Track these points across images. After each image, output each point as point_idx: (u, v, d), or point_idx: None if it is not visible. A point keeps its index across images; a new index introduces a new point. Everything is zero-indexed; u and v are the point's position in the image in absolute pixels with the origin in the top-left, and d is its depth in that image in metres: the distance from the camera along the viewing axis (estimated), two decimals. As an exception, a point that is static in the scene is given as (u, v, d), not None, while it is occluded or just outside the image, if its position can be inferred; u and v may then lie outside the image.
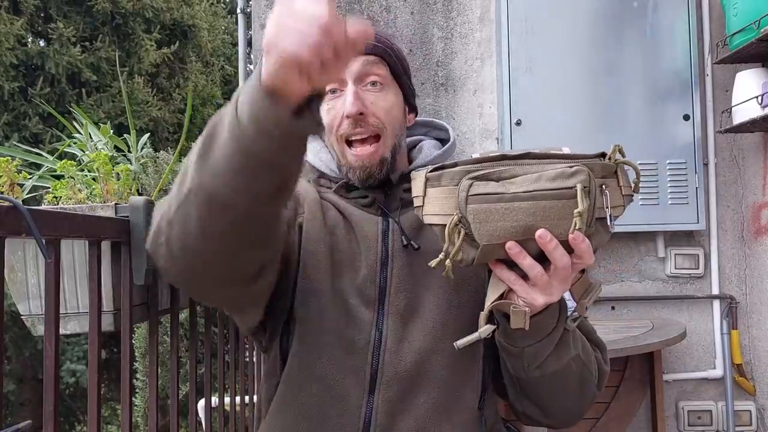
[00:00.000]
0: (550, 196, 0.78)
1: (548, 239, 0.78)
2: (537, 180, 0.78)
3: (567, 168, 0.79)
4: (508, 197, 0.78)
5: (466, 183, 0.80)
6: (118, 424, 4.94)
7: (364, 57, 1.04)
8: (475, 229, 0.80)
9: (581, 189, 0.77)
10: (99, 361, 1.01)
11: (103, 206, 1.08)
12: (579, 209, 0.77)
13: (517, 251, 0.80)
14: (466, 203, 0.80)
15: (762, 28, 2.34)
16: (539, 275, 0.82)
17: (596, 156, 0.84)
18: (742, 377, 2.80)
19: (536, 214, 0.78)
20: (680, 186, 2.71)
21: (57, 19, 5.49)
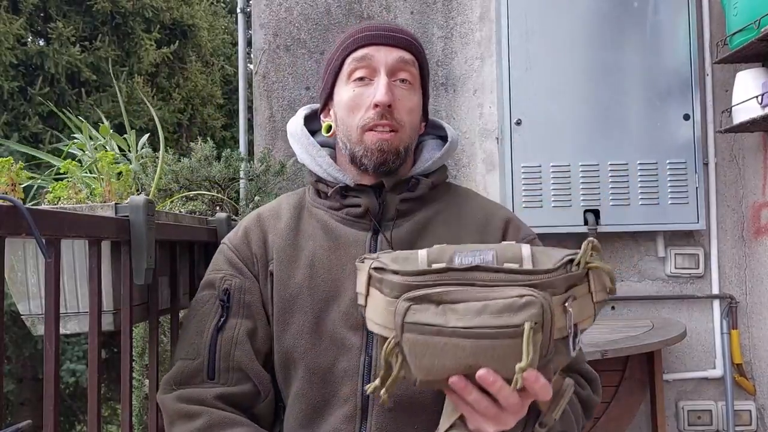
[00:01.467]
0: (493, 335, 0.69)
1: (490, 381, 0.71)
2: (480, 312, 0.69)
3: (517, 299, 0.69)
4: (447, 332, 0.70)
5: (403, 306, 0.72)
6: (118, 423, 4.94)
7: (401, 52, 1.04)
8: (410, 362, 0.73)
9: (528, 331, 0.67)
10: (99, 360, 1.01)
11: (103, 206, 1.08)
12: (521, 364, 0.67)
13: (461, 386, 0.73)
14: (402, 330, 0.72)
15: (762, 27, 2.34)
16: (487, 409, 0.75)
17: (562, 265, 0.73)
18: (742, 377, 2.80)
19: (478, 354, 0.70)
20: (680, 186, 2.71)
21: (56, 18, 5.49)
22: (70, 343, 5.64)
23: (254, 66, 2.99)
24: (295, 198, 1.16)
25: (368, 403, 0.98)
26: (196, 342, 1.04)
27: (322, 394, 1.00)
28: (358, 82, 1.04)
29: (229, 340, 1.02)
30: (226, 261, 1.10)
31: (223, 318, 1.04)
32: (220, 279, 1.07)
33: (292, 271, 1.05)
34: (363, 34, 1.05)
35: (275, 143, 2.90)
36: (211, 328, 1.03)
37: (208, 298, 1.07)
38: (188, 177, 2.19)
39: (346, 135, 1.07)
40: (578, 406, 0.98)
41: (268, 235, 1.09)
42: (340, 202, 1.08)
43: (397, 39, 1.05)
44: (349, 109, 1.05)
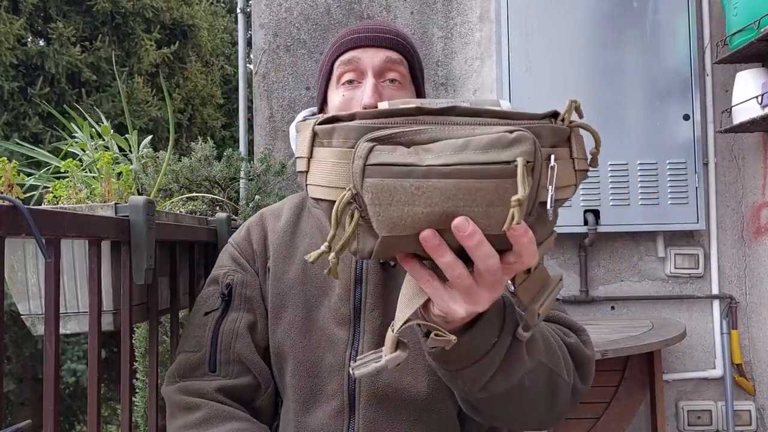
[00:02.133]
0: (478, 173, 0.55)
1: (467, 232, 0.56)
2: (463, 148, 0.56)
3: (506, 133, 0.56)
4: (420, 171, 0.56)
5: (365, 147, 0.57)
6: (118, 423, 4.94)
7: (387, 52, 1.04)
8: (373, 214, 0.57)
9: (522, 165, 0.54)
10: (99, 360, 1.01)
11: (103, 206, 1.08)
12: (518, 196, 0.54)
13: (436, 243, 0.58)
14: (362, 176, 0.57)
15: (762, 27, 2.34)
16: (460, 277, 0.61)
17: (546, 116, 0.62)
18: (741, 377, 2.80)
19: (457, 198, 0.55)
20: (680, 186, 2.71)
21: (57, 18, 5.49)
22: (70, 342, 5.64)
23: (254, 66, 2.99)
24: (298, 199, 1.17)
25: (355, 398, 0.98)
26: (199, 335, 1.06)
27: (310, 389, 1.01)
28: (347, 86, 1.05)
29: (230, 333, 1.05)
30: (230, 258, 1.13)
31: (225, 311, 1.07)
32: (223, 275, 1.10)
33: (287, 266, 1.07)
34: (349, 37, 1.06)
35: (275, 143, 2.90)
36: (213, 321, 1.06)
37: (211, 293, 1.10)
38: (188, 177, 2.19)
39: None
40: (565, 349, 0.89)
41: (269, 233, 1.12)
42: None
43: (383, 39, 1.05)
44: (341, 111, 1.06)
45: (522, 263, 0.61)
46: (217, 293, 1.09)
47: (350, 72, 1.04)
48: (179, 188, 2.16)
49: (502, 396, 0.77)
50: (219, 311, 1.07)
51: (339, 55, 1.06)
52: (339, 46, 1.06)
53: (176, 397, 1.02)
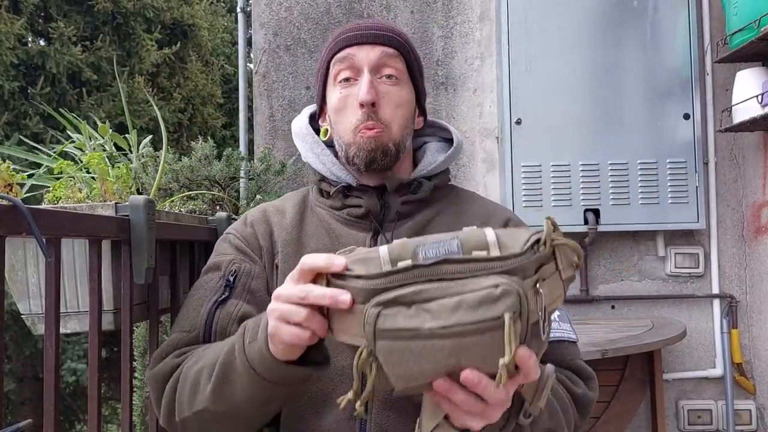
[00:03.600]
0: (473, 331, 0.64)
1: (476, 382, 0.66)
2: (456, 308, 0.64)
3: (492, 289, 0.64)
4: (424, 334, 0.64)
5: (373, 312, 0.66)
6: (118, 423, 4.94)
7: (383, 48, 1.04)
8: (387, 371, 0.67)
9: (509, 321, 0.63)
10: (99, 360, 1.01)
11: (103, 205, 1.08)
12: (504, 361, 0.63)
13: (447, 388, 0.68)
14: (375, 339, 0.66)
15: (762, 27, 2.34)
16: (474, 407, 0.71)
17: (529, 247, 0.69)
18: (742, 376, 2.80)
19: (459, 354, 0.65)
20: (680, 185, 2.71)
21: (57, 18, 5.49)
22: (71, 342, 5.65)
23: (254, 65, 2.99)
24: (299, 196, 1.16)
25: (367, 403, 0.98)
26: (193, 315, 1.02)
27: (321, 392, 1.00)
28: (344, 83, 1.04)
29: (227, 316, 1.00)
30: (234, 247, 1.09)
31: (225, 295, 1.02)
32: (228, 261, 1.06)
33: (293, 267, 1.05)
34: (344, 35, 1.05)
35: (275, 142, 2.90)
36: (210, 303, 1.02)
37: (212, 278, 1.05)
38: (188, 176, 2.19)
39: (339, 137, 1.07)
40: (568, 404, 0.95)
41: (274, 230, 1.10)
42: (342, 201, 1.08)
43: (378, 36, 1.04)
44: (338, 111, 1.05)
45: (528, 378, 0.70)
46: (218, 278, 1.04)
47: (346, 70, 1.04)
48: (179, 187, 2.16)
49: None
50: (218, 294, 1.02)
51: (335, 53, 1.05)
52: (335, 44, 1.06)
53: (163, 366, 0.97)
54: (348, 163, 1.07)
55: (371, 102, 1.01)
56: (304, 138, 1.13)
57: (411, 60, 1.08)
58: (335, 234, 1.07)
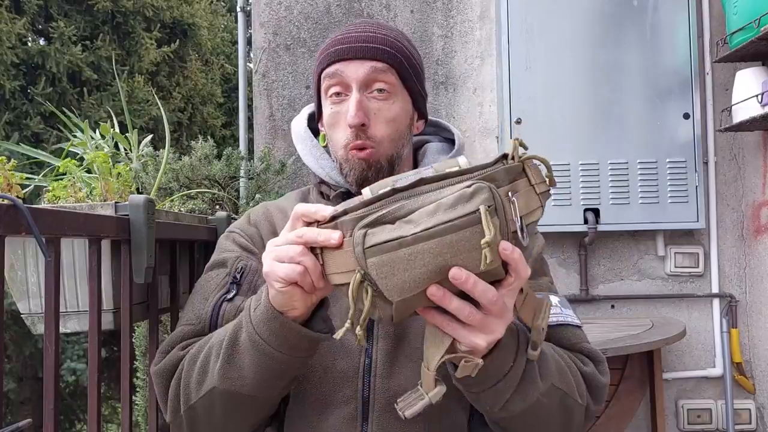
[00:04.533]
0: (453, 228, 0.67)
1: (463, 278, 0.68)
2: (435, 212, 0.68)
3: (465, 189, 0.68)
4: (408, 241, 0.67)
5: (359, 234, 0.69)
6: (118, 422, 4.94)
7: (372, 63, 1.00)
8: (382, 286, 0.69)
9: (485, 211, 0.66)
10: (99, 359, 1.01)
11: (103, 205, 1.08)
12: (486, 239, 0.65)
13: (441, 295, 0.70)
14: (365, 257, 0.69)
15: (762, 26, 2.34)
16: (471, 315, 0.72)
17: (497, 161, 0.73)
18: (741, 376, 2.80)
19: (444, 253, 0.67)
20: (680, 184, 2.71)
21: (58, 18, 5.49)
22: (70, 341, 5.65)
23: (254, 65, 2.99)
24: (301, 196, 1.16)
25: (369, 405, 0.98)
26: (198, 309, 1.01)
27: (322, 394, 1.00)
28: (335, 98, 1.03)
29: (234, 309, 1.00)
30: (238, 245, 1.08)
31: (233, 292, 1.02)
32: (234, 258, 1.06)
33: None
34: (332, 49, 1.03)
35: (275, 142, 2.90)
36: (216, 297, 1.01)
37: (218, 274, 1.05)
38: (188, 176, 2.19)
39: (333, 150, 1.06)
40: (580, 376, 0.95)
41: (277, 229, 1.09)
42: None
43: (367, 49, 1.01)
44: (330, 127, 1.04)
45: (519, 277, 0.72)
46: (224, 275, 1.04)
47: (336, 86, 1.02)
48: (179, 187, 2.16)
49: (520, 416, 0.86)
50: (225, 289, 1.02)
51: (324, 67, 1.03)
52: (324, 57, 1.04)
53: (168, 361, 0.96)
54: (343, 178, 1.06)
55: (359, 124, 0.99)
56: (303, 141, 1.13)
57: (404, 69, 1.04)
58: None
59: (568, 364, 0.95)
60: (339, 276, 0.74)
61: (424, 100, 1.12)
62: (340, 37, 1.04)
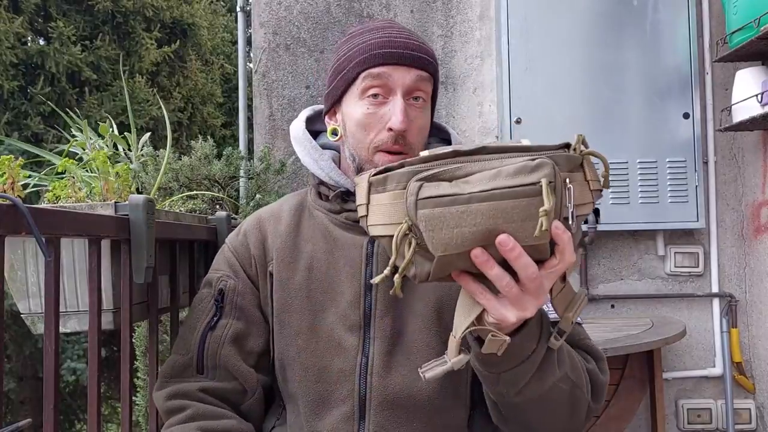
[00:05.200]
0: (511, 195, 0.67)
1: (510, 246, 0.68)
2: (495, 177, 0.68)
3: (529, 161, 0.69)
4: (463, 199, 0.68)
5: (415, 185, 0.70)
6: (118, 422, 4.94)
7: (418, 72, 1.01)
8: (428, 238, 0.69)
9: (546, 184, 0.67)
10: (99, 359, 1.01)
11: (103, 205, 1.08)
12: (545, 207, 0.66)
13: (485, 259, 0.70)
14: (416, 208, 0.69)
15: (762, 26, 2.34)
16: (509, 287, 0.72)
17: (559, 147, 0.74)
18: (741, 375, 2.80)
19: (497, 216, 0.68)
20: (680, 184, 2.71)
21: (57, 17, 5.48)
22: (70, 341, 5.65)
23: (254, 64, 2.99)
24: (297, 199, 1.16)
25: (366, 403, 0.99)
26: (188, 338, 1.08)
27: (318, 393, 1.01)
28: (372, 100, 1.01)
29: (217, 340, 1.06)
30: (225, 261, 1.13)
31: (216, 317, 1.08)
32: (216, 279, 1.11)
33: (292, 272, 1.07)
34: (382, 51, 1.01)
35: (275, 142, 2.90)
36: (203, 326, 1.08)
37: (205, 296, 1.11)
38: (188, 175, 2.19)
39: (355, 149, 1.05)
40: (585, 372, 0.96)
41: (268, 237, 1.11)
42: (341, 206, 1.08)
43: (416, 59, 1.02)
44: (361, 126, 1.03)
45: (564, 261, 0.72)
46: (209, 297, 1.10)
47: (378, 87, 1.01)
48: (179, 187, 2.16)
49: (534, 401, 0.87)
50: (209, 316, 1.08)
51: (368, 67, 1.01)
52: (369, 57, 1.02)
53: (164, 405, 1.04)
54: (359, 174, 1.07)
55: (404, 130, 0.99)
56: (302, 143, 1.13)
57: (437, 81, 1.07)
58: (333, 237, 1.07)
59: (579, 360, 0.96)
60: (381, 228, 0.74)
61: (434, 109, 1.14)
62: (385, 40, 1.03)
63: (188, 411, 1.00)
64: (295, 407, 1.04)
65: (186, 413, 1.00)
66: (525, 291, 0.73)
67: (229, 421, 1.01)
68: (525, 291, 0.73)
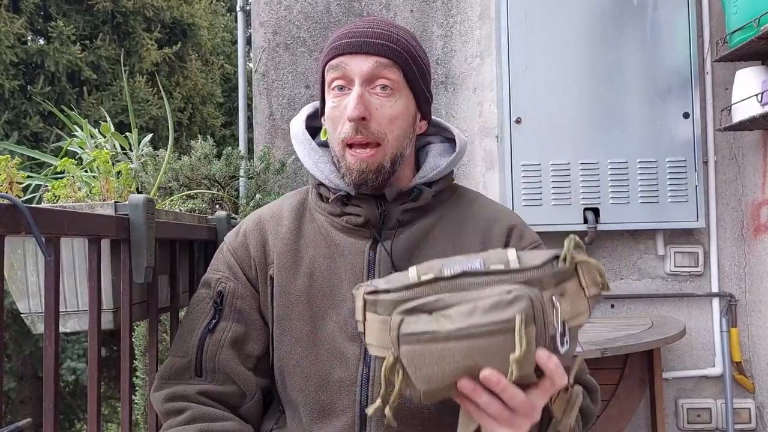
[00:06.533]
0: (486, 333, 0.69)
1: (494, 381, 0.70)
2: (471, 313, 0.69)
3: (505, 295, 0.69)
4: (441, 336, 0.70)
5: (397, 319, 0.72)
6: (118, 422, 4.94)
7: (377, 59, 0.99)
8: (411, 374, 0.72)
9: (519, 323, 0.68)
10: (99, 359, 1.01)
11: (103, 204, 1.08)
12: (515, 356, 0.68)
13: (471, 389, 0.72)
14: (398, 344, 0.72)
15: (762, 25, 2.34)
16: (498, 412, 0.74)
17: (547, 261, 0.74)
18: (741, 375, 2.80)
19: (474, 355, 0.70)
20: (680, 184, 2.71)
21: (57, 17, 5.49)
22: (70, 341, 5.65)
23: (254, 64, 2.99)
24: (298, 198, 1.14)
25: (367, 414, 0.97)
26: (187, 340, 1.06)
27: (319, 403, 0.99)
28: (337, 92, 1.01)
29: (216, 343, 1.04)
30: (225, 262, 1.10)
31: (214, 320, 1.06)
32: (216, 280, 1.09)
33: (293, 278, 1.05)
34: (338, 42, 1.01)
35: (275, 141, 2.90)
36: (201, 329, 1.06)
37: (203, 297, 1.09)
38: (188, 175, 2.19)
39: (332, 146, 1.05)
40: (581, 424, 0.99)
41: (268, 239, 1.09)
42: (341, 209, 1.06)
43: (372, 45, 0.99)
44: (330, 120, 1.03)
45: (555, 385, 0.74)
46: (208, 298, 1.07)
47: (339, 79, 1.00)
48: (179, 186, 2.16)
49: None
50: (208, 318, 1.06)
51: (329, 59, 1.02)
52: (330, 50, 1.03)
53: (162, 407, 1.03)
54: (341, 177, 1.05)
55: (359, 118, 0.97)
56: (302, 143, 1.11)
57: (408, 67, 1.02)
58: (334, 242, 1.05)
59: None
60: (376, 348, 0.77)
61: (429, 102, 1.10)
62: (347, 31, 1.03)
63: (188, 413, 0.99)
64: (295, 413, 1.03)
65: (185, 415, 0.99)
66: (516, 414, 0.74)
67: (229, 423, 0.99)
68: (516, 414, 0.74)
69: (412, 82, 1.03)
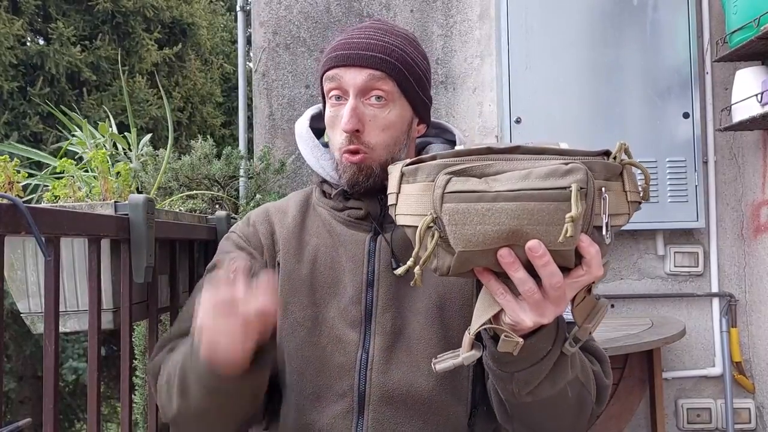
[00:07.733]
0: (539, 197, 0.66)
1: (540, 252, 0.68)
2: (525, 177, 0.67)
3: (562, 165, 0.67)
4: (489, 196, 0.67)
5: (443, 179, 0.69)
6: (118, 422, 4.94)
7: (370, 71, 1.01)
8: (450, 232, 0.69)
9: (576, 190, 0.65)
10: (99, 359, 1.01)
11: (103, 204, 1.08)
12: (572, 213, 0.64)
13: (510, 261, 0.69)
14: (442, 201, 0.69)
15: (762, 25, 2.34)
16: (530, 291, 0.72)
17: (599, 154, 0.72)
18: (741, 375, 2.80)
19: (522, 218, 0.66)
20: (680, 184, 2.71)
21: (57, 18, 5.48)
22: (70, 341, 5.65)
23: (254, 64, 2.99)
24: (303, 196, 1.17)
25: (365, 399, 0.99)
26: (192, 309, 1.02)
27: (317, 387, 1.01)
28: (334, 101, 1.04)
29: None
30: (235, 245, 1.12)
31: None
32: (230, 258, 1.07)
33: (298, 264, 1.07)
34: (334, 54, 1.03)
35: (275, 141, 2.90)
36: None
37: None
38: (188, 175, 2.19)
39: (332, 150, 1.08)
40: (591, 374, 0.96)
41: (276, 229, 1.12)
42: (343, 204, 1.09)
43: (366, 58, 1.01)
44: (329, 128, 1.06)
45: (590, 274, 0.71)
46: None
47: (335, 89, 1.03)
48: (179, 186, 2.16)
49: (544, 402, 0.87)
50: None
51: (326, 70, 1.05)
52: (326, 60, 1.05)
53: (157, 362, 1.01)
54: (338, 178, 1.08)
55: (353, 130, 1.00)
56: (306, 142, 1.14)
57: (402, 77, 1.03)
58: (336, 233, 1.08)
59: (587, 362, 0.97)
60: (407, 218, 0.74)
61: (427, 106, 1.11)
62: (343, 41, 1.05)
63: (182, 345, 0.98)
64: (290, 399, 1.04)
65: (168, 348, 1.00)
66: (546, 298, 0.72)
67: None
68: (546, 298, 0.72)
69: (406, 91, 1.05)
